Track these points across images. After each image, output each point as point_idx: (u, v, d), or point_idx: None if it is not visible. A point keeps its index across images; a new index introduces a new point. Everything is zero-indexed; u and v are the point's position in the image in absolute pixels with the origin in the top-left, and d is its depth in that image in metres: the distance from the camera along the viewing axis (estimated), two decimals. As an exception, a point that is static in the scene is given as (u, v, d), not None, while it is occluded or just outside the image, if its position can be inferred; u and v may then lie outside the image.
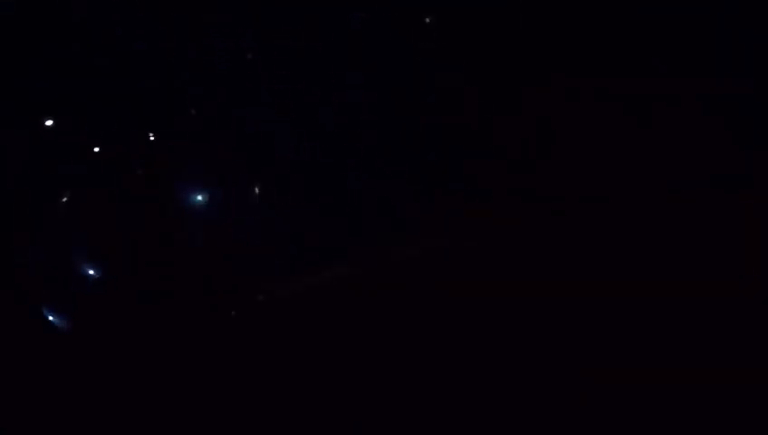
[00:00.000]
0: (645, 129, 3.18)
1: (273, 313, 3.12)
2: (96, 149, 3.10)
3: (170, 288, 3.03)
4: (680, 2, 3.17)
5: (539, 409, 2.93)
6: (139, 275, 3.03)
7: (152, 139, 3.16)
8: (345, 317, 3.09)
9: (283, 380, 3.02)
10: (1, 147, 3.16)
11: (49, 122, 3.17)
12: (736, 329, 2.92)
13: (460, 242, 3.20)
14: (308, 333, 3.07)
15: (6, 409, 2.93)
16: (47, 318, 3.07)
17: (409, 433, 2.95)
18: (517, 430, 2.93)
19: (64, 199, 3.08)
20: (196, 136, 3.24)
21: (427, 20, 3.23)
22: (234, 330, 3.08)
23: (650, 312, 2.97)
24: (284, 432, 2.97)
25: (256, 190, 3.18)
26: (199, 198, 3.13)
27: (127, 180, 3.10)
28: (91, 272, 3.02)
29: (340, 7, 3.31)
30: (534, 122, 3.26)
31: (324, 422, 2.95)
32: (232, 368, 3.03)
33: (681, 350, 2.92)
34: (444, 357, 3.03)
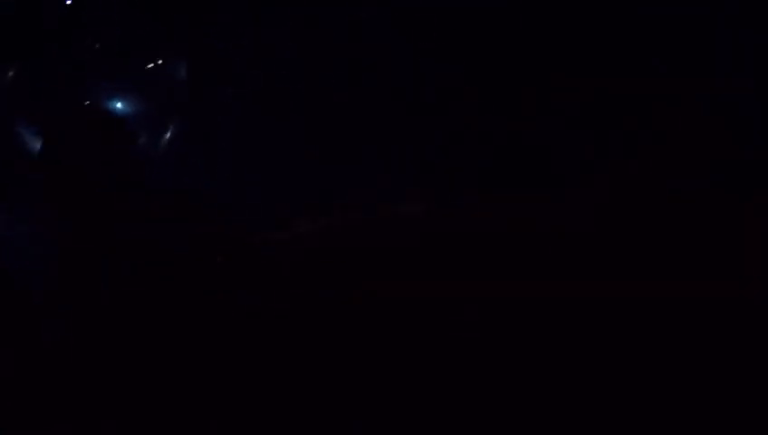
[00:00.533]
0: (645, 129, 3.18)
1: (271, 313, 3.12)
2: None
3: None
4: (680, 2, 3.17)
5: (539, 409, 2.93)
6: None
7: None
8: (343, 319, 3.10)
9: (282, 379, 3.03)
10: None
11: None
12: (736, 329, 2.92)
13: (459, 240, 3.21)
14: (308, 333, 3.08)
15: (6, 409, 2.93)
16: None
17: (409, 433, 2.95)
18: (517, 430, 2.93)
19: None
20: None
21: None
22: (233, 327, 3.08)
23: (650, 312, 2.97)
24: (284, 432, 2.98)
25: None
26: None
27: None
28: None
29: (340, 7, 3.32)
30: (534, 122, 3.26)
31: (324, 422, 2.96)
32: (231, 367, 3.03)
33: (681, 350, 2.92)
34: (443, 357, 3.03)
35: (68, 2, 3.29)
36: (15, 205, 3.21)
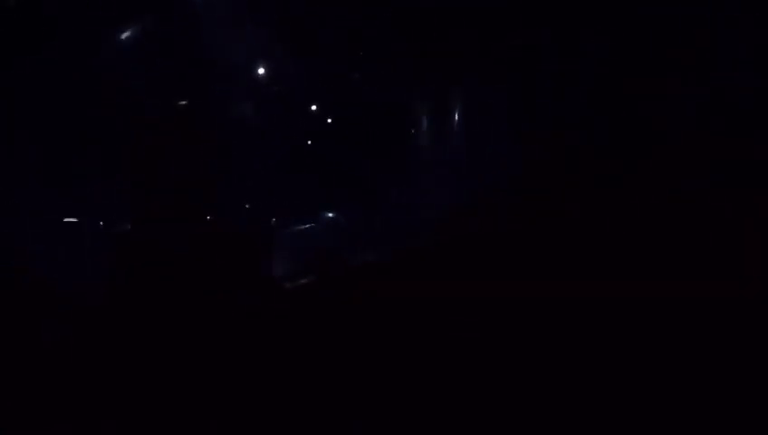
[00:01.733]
0: (645, 129, 3.19)
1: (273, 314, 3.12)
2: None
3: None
4: (680, 2, 3.17)
5: (539, 409, 2.93)
6: None
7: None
8: (343, 318, 3.10)
9: (282, 379, 3.02)
10: None
11: None
12: (736, 329, 2.92)
13: (460, 242, 3.21)
14: (308, 334, 3.08)
15: (6, 409, 2.93)
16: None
17: (409, 433, 2.95)
18: (517, 431, 2.93)
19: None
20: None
21: None
22: (235, 331, 3.08)
23: (650, 312, 2.97)
24: (284, 432, 2.97)
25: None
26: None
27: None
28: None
29: (339, 7, 3.32)
30: (534, 122, 3.26)
31: (324, 422, 2.95)
32: (231, 367, 3.03)
33: (681, 350, 2.92)
34: (443, 357, 3.03)
35: None
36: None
